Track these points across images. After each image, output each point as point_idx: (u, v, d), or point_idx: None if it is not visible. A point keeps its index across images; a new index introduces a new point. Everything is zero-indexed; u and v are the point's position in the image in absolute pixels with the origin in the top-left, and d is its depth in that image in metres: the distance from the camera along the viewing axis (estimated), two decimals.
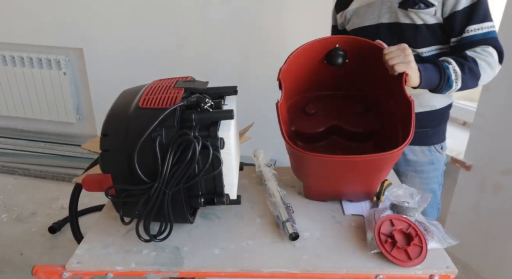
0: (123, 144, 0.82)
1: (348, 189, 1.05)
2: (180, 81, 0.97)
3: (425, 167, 1.29)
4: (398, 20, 1.16)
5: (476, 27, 1.07)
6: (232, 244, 0.91)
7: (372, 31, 1.21)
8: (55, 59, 2.77)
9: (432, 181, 1.31)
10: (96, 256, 0.87)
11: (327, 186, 1.04)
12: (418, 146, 1.28)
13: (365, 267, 0.86)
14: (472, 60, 1.05)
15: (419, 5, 1.10)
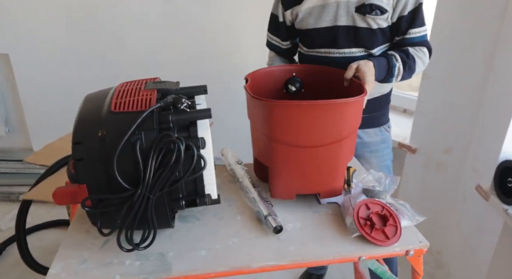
0: (99, 151, 0.77)
1: (315, 167, 1.00)
2: (150, 83, 0.93)
3: (379, 146, 1.42)
4: (355, 24, 1.22)
5: (416, 31, 1.23)
6: (217, 244, 0.90)
7: (328, 33, 1.25)
8: None
9: (386, 158, 1.45)
10: (74, 273, 0.81)
11: (295, 168, 1.00)
12: (371, 128, 1.40)
13: (349, 250, 0.90)
14: (412, 59, 1.23)
15: (376, 11, 1.19)
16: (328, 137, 0.97)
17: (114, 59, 2.48)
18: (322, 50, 1.30)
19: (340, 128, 0.97)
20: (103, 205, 0.80)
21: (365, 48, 1.25)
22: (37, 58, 2.50)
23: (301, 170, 1.00)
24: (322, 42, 1.28)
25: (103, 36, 2.44)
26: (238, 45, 2.46)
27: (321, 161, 1.00)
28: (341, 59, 1.27)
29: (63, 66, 2.53)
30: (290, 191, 1.04)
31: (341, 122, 0.97)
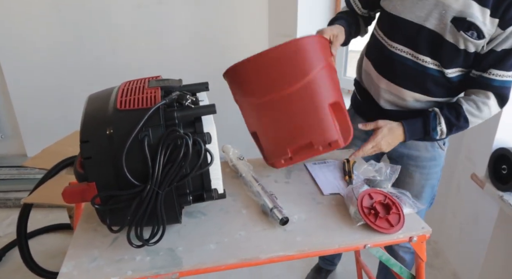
0: (107, 149, 0.78)
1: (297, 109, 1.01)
2: (153, 81, 0.94)
3: (427, 163, 1.28)
4: (443, 34, 1.06)
5: (499, 73, 1.08)
6: (225, 238, 0.92)
7: (412, 29, 1.10)
8: None
9: (432, 176, 1.31)
10: (86, 271, 0.82)
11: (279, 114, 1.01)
12: (422, 141, 1.26)
13: (354, 239, 0.92)
14: (464, 119, 1.12)
15: (472, 32, 1.03)
16: (292, 80, 0.98)
17: (107, 64, 2.48)
18: (394, 44, 1.15)
19: (300, 67, 0.98)
20: (113, 202, 0.81)
21: (440, 63, 1.11)
22: (29, 64, 2.48)
23: (282, 122, 1.01)
24: (400, 36, 1.13)
25: (96, 40, 2.43)
26: (234, 44, 2.47)
27: (298, 107, 0.99)
28: (410, 62, 1.13)
29: (55, 71, 2.52)
30: (282, 148, 1.03)
31: (299, 61, 0.98)
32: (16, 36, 2.40)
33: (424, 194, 1.34)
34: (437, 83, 1.15)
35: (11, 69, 2.49)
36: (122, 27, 2.41)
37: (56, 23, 2.39)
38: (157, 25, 2.42)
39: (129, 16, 2.39)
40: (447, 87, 1.16)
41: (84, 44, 2.44)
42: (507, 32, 1.03)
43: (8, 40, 2.41)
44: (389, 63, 1.18)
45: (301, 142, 1.02)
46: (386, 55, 1.18)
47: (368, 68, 1.28)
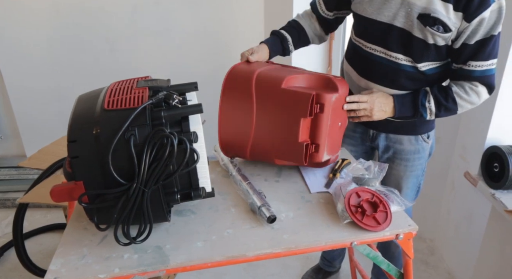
0: (94, 148, 0.79)
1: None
2: (141, 81, 0.95)
3: (411, 156, 1.32)
4: (411, 31, 1.10)
5: (478, 64, 1.10)
6: (213, 236, 0.93)
7: (382, 29, 1.14)
8: None
9: (416, 168, 1.35)
10: (74, 269, 0.83)
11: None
12: (405, 135, 1.30)
13: (341, 236, 0.93)
14: (453, 101, 1.15)
15: (438, 26, 1.06)
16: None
17: (105, 64, 2.49)
18: (368, 45, 1.20)
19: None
20: (100, 200, 0.82)
21: (412, 59, 1.14)
22: (27, 65, 2.50)
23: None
24: (372, 36, 1.18)
25: (94, 41, 2.45)
26: (231, 43, 2.48)
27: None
28: (384, 61, 1.18)
29: (53, 72, 2.53)
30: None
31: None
32: (14, 37, 2.42)
33: (409, 184, 1.37)
34: (412, 78, 1.18)
35: (9, 70, 2.51)
36: (119, 27, 2.43)
37: (55, 24, 2.40)
38: (154, 25, 2.43)
39: (126, 16, 2.40)
40: (422, 81, 1.19)
41: (82, 44, 2.45)
42: (474, 24, 1.05)
43: (7, 41, 2.43)
44: (366, 63, 1.23)
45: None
46: (362, 56, 1.23)
47: (348, 69, 1.33)
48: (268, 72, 1.09)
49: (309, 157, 1.09)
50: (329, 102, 1.04)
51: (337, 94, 1.07)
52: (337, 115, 1.12)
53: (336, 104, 1.08)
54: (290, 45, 1.32)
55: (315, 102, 1.03)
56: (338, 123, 1.13)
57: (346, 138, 1.44)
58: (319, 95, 1.03)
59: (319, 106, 1.03)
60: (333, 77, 1.10)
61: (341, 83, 1.11)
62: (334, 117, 1.08)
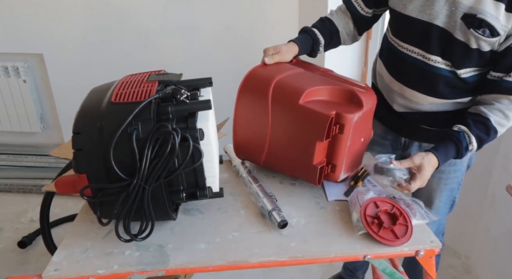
0: (97, 141, 0.78)
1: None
2: (153, 75, 0.94)
3: (446, 168, 1.18)
4: (453, 32, 0.98)
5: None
6: (217, 238, 0.89)
7: (421, 28, 1.03)
8: (13, 66, 2.63)
9: (451, 181, 1.23)
10: (75, 262, 0.82)
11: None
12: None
13: (353, 248, 0.86)
14: (494, 132, 1.02)
15: (484, 30, 0.94)
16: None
17: (137, 59, 2.53)
18: (405, 45, 1.09)
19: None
20: (102, 194, 0.81)
21: (451, 63, 1.02)
22: (69, 58, 2.59)
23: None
24: (410, 36, 1.07)
25: (127, 35, 2.50)
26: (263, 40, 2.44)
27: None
28: (421, 64, 1.06)
29: (90, 68, 2.62)
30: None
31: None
32: (58, 32, 2.52)
33: (443, 197, 1.25)
34: (452, 85, 1.06)
35: (53, 63, 2.63)
36: (151, 22, 2.46)
37: (89, 20, 2.48)
38: (185, 21, 2.44)
39: (158, 11, 2.43)
40: (461, 88, 1.06)
41: (115, 40, 2.51)
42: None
43: (51, 39, 2.54)
44: (400, 65, 1.12)
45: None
46: (397, 57, 1.12)
47: (381, 69, 1.23)
48: (288, 80, 1.00)
49: (325, 177, 1.02)
50: (350, 123, 0.94)
51: (361, 112, 0.96)
52: (360, 132, 1.02)
53: (359, 122, 0.97)
54: (321, 47, 1.21)
55: (334, 123, 0.94)
56: (361, 139, 1.04)
57: (375, 145, 1.33)
58: (339, 115, 0.93)
59: (338, 127, 0.94)
60: (358, 90, 0.99)
61: (367, 95, 0.99)
62: (355, 135, 0.99)
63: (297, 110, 0.94)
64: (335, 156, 0.98)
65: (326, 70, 1.11)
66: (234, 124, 1.08)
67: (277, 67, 1.06)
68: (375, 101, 1.03)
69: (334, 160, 0.98)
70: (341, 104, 0.97)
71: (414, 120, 1.18)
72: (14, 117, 2.78)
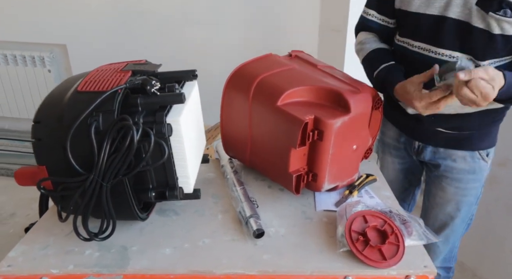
0: (56, 131, 0.73)
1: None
2: (130, 64, 0.88)
3: (464, 176, 1.09)
4: (470, 21, 0.90)
5: None
6: (186, 243, 0.82)
7: (431, 23, 0.96)
8: (39, 56, 2.70)
9: (470, 193, 1.11)
10: (31, 259, 0.78)
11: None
12: (459, 150, 1.07)
13: (333, 267, 0.76)
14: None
15: (505, 10, 0.85)
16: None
17: (156, 53, 2.51)
18: (416, 44, 1.01)
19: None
20: (62, 188, 0.76)
21: (473, 56, 0.93)
22: (91, 49, 2.62)
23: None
24: (422, 34, 0.99)
25: (145, 28, 2.49)
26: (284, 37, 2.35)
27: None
28: (433, 60, 0.96)
29: (113, 57, 2.62)
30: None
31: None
32: (81, 23, 2.56)
33: (461, 212, 1.13)
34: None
35: (76, 54, 2.67)
36: (171, 16, 2.44)
37: (113, 14, 2.50)
38: (206, 15, 2.39)
39: (178, 4, 2.40)
40: None
41: (134, 33, 2.51)
42: None
43: (75, 31, 2.58)
44: (412, 66, 1.01)
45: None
46: (408, 58, 1.04)
47: None
48: (272, 78, 0.91)
49: (307, 186, 0.93)
50: (330, 130, 0.83)
51: (347, 117, 0.85)
52: (349, 139, 0.90)
53: (346, 128, 0.86)
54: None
55: (313, 129, 0.84)
56: (353, 146, 0.92)
57: (391, 149, 1.25)
58: (318, 120, 0.83)
59: (317, 133, 0.84)
60: (348, 91, 0.87)
61: (358, 98, 0.88)
62: (342, 142, 0.88)
63: (274, 112, 0.86)
64: (316, 165, 0.88)
65: (325, 66, 1.01)
66: (220, 118, 1.01)
67: (267, 63, 0.98)
68: (369, 105, 0.91)
69: (315, 169, 0.88)
70: (326, 107, 0.87)
71: (429, 122, 1.06)
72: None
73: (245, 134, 0.95)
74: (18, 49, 2.71)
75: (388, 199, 0.98)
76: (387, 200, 0.98)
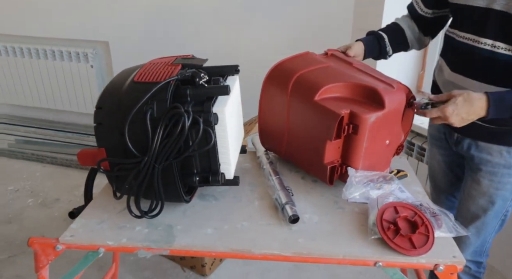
0: (117, 117, 0.81)
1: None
2: (179, 58, 0.95)
3: (499, 170, 1.09)
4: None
5: None
6: (226, 225, 0.89)
7: (477, 15, 0.99)
8: (83, 52, 2.85)
9: (504, 187, 1.11)
10: (89, 231, 0.87)
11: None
12: (496, 145, 1.08)
13: (364, 252, 0.80)
14: None
15: None
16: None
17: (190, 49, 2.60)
18: (461, 34, 1.04)
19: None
20: (118, 169, 0.84)
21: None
22: (131, 46, 2.75)
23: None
24: (469, 25, 1.03)
25: (181, 25, 2.58)
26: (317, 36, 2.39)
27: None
28: (479, 51, 1.00)
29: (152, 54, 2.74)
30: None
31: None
32: (123, 21, 2.69)
33: (494, 206, 1.12)
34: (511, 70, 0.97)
35: (117, 51, 2.80)
36: (206, 13, 2.52)
37: (153, 13, 2.61)
38: (240, 14, 2.46)
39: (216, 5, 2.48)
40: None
41: (171, 28, 2.61)
42: None
43: (116, 28, 2.71)
44: (458, 55, 1.07)
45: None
46: (454, 48, 1.08)
47: (442, 65, 1.16)
48: (309, 75, 0.97)
49: (340, 177, 0.97)
50: (365, 124, 0.88)
51: (381, 112, 0.89)
52: (383, 134, 0.94)
53: (380, 123, 0.91)
54: (387, 45, 1.19)
55: (348, 122, 0.89)
56: (385, 141, 0.96)
57: (432, 139, 1.27)
58: (354, 114, 0.88)
59: (352, 127, 0.89)
60: (383, 88, 0.91)
61: (393, 95, 0.92)
62: (376, 137, 0.92)
63: (312, 106, 0.91)
64: (350, 157, 0.93)
65: (360, 65, 1.05)
66: (259, 112, 1.07)
67: (305, 61, 1.03)
68: (402, 102, 0.95)
69: (349, 161, 0.93)
70: (361, 103, 0.91)
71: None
72: (80, 99, 3.01)
73: (282, 127, 1.00)
74: (64, 45, 2.88)
75: (419, 194, 1.02)
76: (417, 195, 1.01)
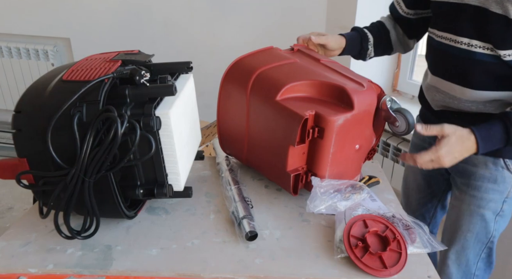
0: (37, 122, 0.69)
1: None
2: (121, 54, 0.83)
3: (483, 183, 0.99)
4: (488, 7, 0.85)
5: None
6: (174, 244, 0.77)
7: (450, 11, 0.93)
8: (43, 49, 2.68)
9: (487, 205, 1.00)
10: (10, 256, 0.74)
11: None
12: (482, 156, 0.97)
13: (329, 274, 0.71)
14: None
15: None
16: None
17: (165, 46, 2.48)
18: (439, 33, 0.98)
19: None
20: (43, 183, 0.72)
21: (492, 44, 0.88)
22: (94, 43, 2.59)
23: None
24: (442, 22, 0.97)
25: (152, 23, 2.45)
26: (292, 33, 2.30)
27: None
28: (454, 50, 0.93)
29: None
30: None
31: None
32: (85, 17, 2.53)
33: (475, 227, 1.02)
34: (493, 73, 0.90)
35: (79, 48, 2.64)
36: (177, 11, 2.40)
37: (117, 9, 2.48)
38: (211, 12, 2.35)
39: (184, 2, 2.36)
40: (508, 77, 0.89)
41: (141, 29, 2.48)
42: None
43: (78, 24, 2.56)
44: (436, 56, 1.01)
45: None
46: (433, 48, 1.02)
47: (427, 68, 1.10)
48: (272, 72, 0.86)
49: (305, 186, 0.88)
50: (331, 127, 0.78)
51: (350, 114, 0.80)
52: (352, 138, 0.85)
53: (348, 126, 0.81)
54: (370, 46, 1.11)
55: (313, 125, 0.79)
56: (355, 145, 0.87)
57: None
58: (319, 116, 0.78)
59: (318, 131, 0.79)
60: (352, 88, 0.82)
61: (363, 95, 0.82)
62: (344, 141, 0.82)
63: (273, 107, 0.81)
64: (316, 164, 0.83)
65: (329, 61, 0.96)
66: (217, 113, 0.96)
67: (268, 57, 0.93)
68: (373, 102, 0.86)
69: (314, 169, 0.83)
70: (328, 104, 0.81)
71: (452, 121, 0.96)
72: None
73: (242, 130, 0.90)
74: (22, 42, 2.69)
75: (392, 202, 0.93)
76: (390, 203, 0.92)
